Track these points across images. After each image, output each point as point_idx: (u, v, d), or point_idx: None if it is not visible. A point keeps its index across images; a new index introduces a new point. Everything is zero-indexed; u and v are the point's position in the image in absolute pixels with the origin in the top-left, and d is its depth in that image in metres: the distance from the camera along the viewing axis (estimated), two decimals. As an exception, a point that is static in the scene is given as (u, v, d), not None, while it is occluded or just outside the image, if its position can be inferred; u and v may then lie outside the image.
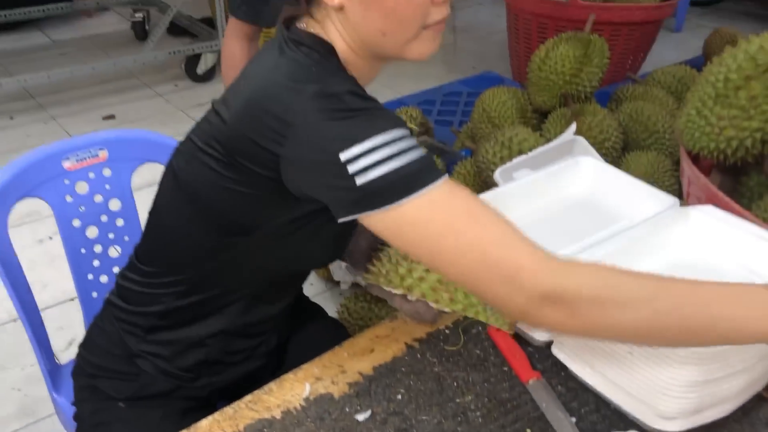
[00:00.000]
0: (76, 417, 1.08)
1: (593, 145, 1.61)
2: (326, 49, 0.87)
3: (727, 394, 0.85)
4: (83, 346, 1.09)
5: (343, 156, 0.75)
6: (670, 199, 1.04)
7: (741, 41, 1.14)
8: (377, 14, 0.83)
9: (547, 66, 1.87)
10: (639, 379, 0.84)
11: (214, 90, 3.39)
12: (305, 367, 0.98)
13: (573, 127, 1.64)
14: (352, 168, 0.75)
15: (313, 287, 2.08)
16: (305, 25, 0.90)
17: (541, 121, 1.92)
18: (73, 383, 1.09)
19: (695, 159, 1.26)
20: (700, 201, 1.15)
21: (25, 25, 3.76)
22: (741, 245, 0.93)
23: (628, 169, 1.79)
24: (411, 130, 0.82)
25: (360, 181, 0.75)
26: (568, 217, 1.09)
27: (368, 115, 0.79)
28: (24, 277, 1.16)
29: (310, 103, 0.78)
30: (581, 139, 1.60)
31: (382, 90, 3.33)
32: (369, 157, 0.75)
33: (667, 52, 3.61)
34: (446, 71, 3.65)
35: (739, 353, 0.80)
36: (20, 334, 1.87)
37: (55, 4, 3.52)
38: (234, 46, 2.27)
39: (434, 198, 0.76)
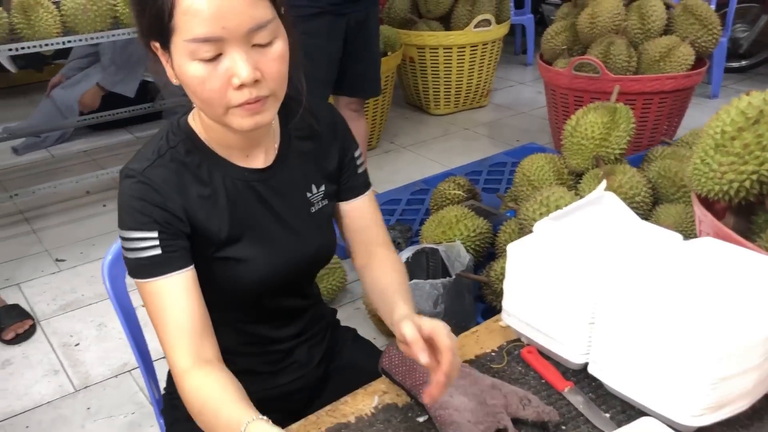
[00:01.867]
0: None
1: (624, 200, 1.80)
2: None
3: (742, 391, 1.00)
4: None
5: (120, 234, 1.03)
6: (676, 235, 1.22)
7: (733, 99, 1.34)
8: (191, 96, 0.99)
9: (578, 132, 2.09)
10: (665, 382, 0.99)
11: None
12: (374, 383, 1.17)
13: (603, 184, 1.82)
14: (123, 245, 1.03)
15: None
16: None
17: (576, 182, 2.12)
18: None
19: (709, 204, 1.43)
20: (710, 236, 1.32)
21: (114, 125, 4.24)
22: (734, 267, 1.10)
23: (658, 221, 1.96)
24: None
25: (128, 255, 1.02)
26: (586, 247, 1.27)
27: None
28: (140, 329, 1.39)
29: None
30: (611, 194, 1.77)
31: (432, 165, 3.61)
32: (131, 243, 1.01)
33: (704, 118, 3.77)
34: (492, 145, 3.91)
35: (749, 351, 0.96)
36: (124, 386, 2.12)
37: (138, 105, 3.97)
38: None
39: (148, 289, 1.01)
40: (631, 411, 1.07)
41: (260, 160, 1.11)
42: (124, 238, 1.01)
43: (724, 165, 1.31)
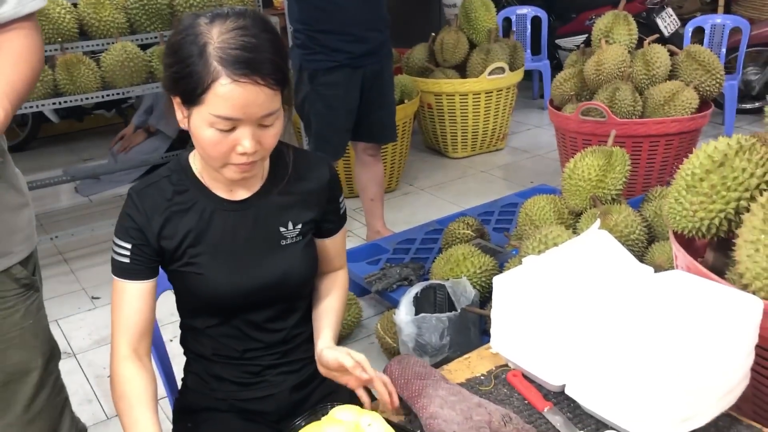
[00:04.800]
0: None
1: (619, 238, 1.92)
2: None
3: (702, 407, 1.11)
4: None
5: None
6: (648, 269, 1.34)
7: (703, 144, 1.47)
8: (197, 145, 1.20)
9: (576, 174, 2.22)
10: (631, 401, 1.10)
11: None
12: (375, 402, 1.30)
13: (597, 222, 1.95)
14: None
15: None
16: None
17: (576, 221, 2.24)
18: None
19: (689, 241, 1.55)
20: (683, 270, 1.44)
21: (153, 169, 4.51)
22: (697, 298, 1.21)
23: (653, 258, 2.06)
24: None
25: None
26: (565, 279, 1.39)
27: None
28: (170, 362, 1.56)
29: None
30: (605, 233, 1.90)
31: (448, 206, 3.75)
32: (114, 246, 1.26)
33: (715, 158, 3.87)
34: (507, 187, 4.04)
35: (707, 372, 1.07)
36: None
37: (177, 150, 4.24)
38: None
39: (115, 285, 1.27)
40: (604, 429, 1.18)
41: (241, 194, 1.30)
42: (113, 240, 1.27)
43: (694, 204, 1.43)
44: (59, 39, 3.19)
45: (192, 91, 1.11)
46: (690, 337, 1.10)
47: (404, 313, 2.09)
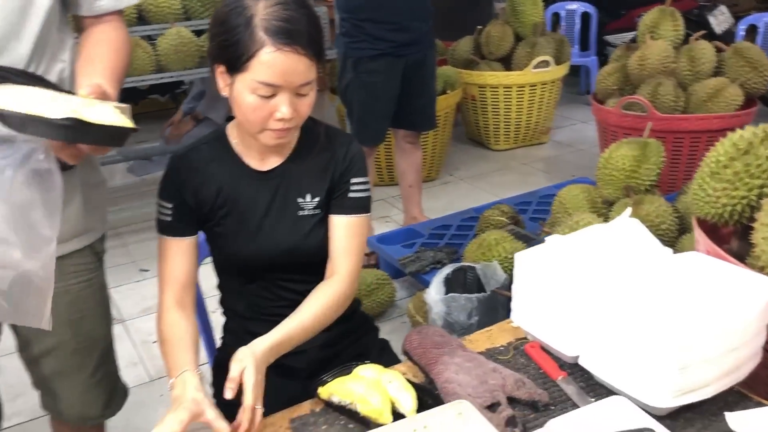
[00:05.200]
0: None
1: (650, 227, 1.94)
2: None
3: (705, 380, 1.15)
4: None
5: None
6: (668, 250, 1.38)
7: (729, 133, 1.50)
8: (237, 111, 1.29)
9: (610, 164, 2.25)
10: (639, 371, 1.16)
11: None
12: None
13: (628, 210, 1.98)
14: None
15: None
16: None
17: (608, 210, 2.28)
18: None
19: (715, 229, 1.58)
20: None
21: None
22: (710, 276, 1.25)
23: (682, 248, 2.09)
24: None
25: None
26: (582, 257, 1.44)
27: None
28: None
29: None
30: (634, 220, 1.94)
31: (486, 196, 3.79)
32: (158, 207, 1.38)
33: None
34: (548, 180, 4.06)
35: (709, 343, 1.11)
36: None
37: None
38: None
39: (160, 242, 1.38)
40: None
41: (269, 164, 1.40)
42: (157, 202, 1.38)
43: (718, 190, 1.46)
44: (119, 23, 3.35)
45: (238, 59, 1.21)
46: (698, 312, 1.15)
47: (434, 293, 2.16)
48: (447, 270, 2.25)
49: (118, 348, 2.45)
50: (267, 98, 1.23)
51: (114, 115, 1.07)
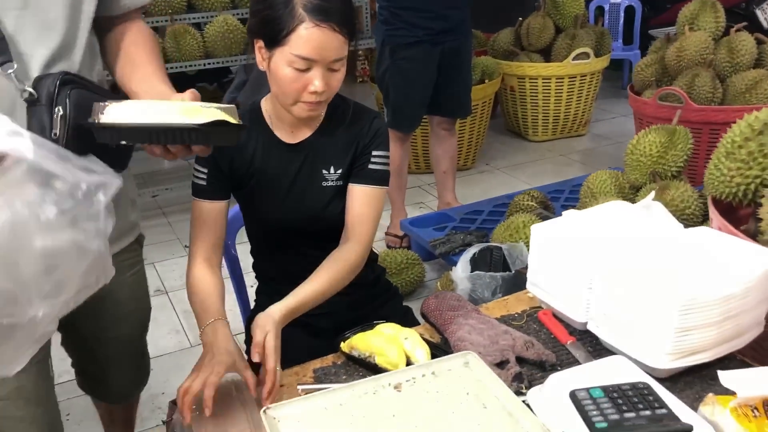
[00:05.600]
0: None
1: (674, 212, 1.99)
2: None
3: (703, 345, 1.21)
4: None
5: None
6: (679, 225, 1.43)
7: (746, 114, 1.54)
8: (273, 84, 1.39)
9: (638, 150, 2.29)
10: (642, 334, 1.22)
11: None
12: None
13: (652, 194, 2.03)
14: None
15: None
16: None
17: (635, 195, 2.32)
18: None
19: (732, 209, 1.62)
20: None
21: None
22: (715, 249, 1.30)
23: (706, 232, 2.11)
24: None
25: None
26: (594, 229, 1.50)
27: None
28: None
29: None
30: (658, 204, 1.98)
31: (521, 186, 3.84)
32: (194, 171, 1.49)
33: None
34: (584, 171, 4.07)
35: (707, 308, 1.17)
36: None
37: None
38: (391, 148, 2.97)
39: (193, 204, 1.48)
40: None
41: (299, 136, 1.49)
42: (193, 167, 1.49)
43: (732, 170, 1.51)
44: (169, 11, 3.51)
45: (278, 33, 1.31)
46: (700, 279, 1.20)
47: (461, 270, 2.24)
48: (474, 249, 2.32)
49: (163, 317, 2.63)
50: (302, 71, 1.33)
51: (227, 116, 1.12)
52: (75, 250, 0.91)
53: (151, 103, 1.15)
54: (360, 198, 1.49)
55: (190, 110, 1.08)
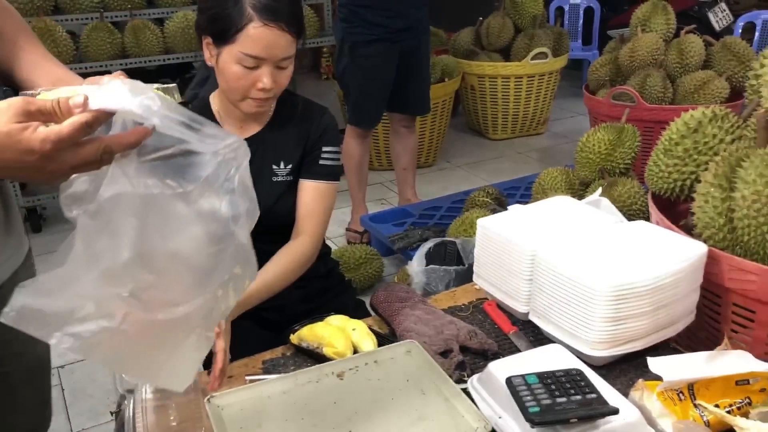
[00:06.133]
0: None
1: (621, 208, 2.05)
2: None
3: (634, 334, 1.26)
4: None
5: None
6: (619, 218, 1.49)
7: (683, 113, 1.60)
8: (222, 80, 1.42)
9: (587, 147, 2.36)
10: (577, 323, 1.27)
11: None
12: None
13: (599, 190, 2.09)
14: None
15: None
16: None
17: (584, 191, 2.38)
18: None
19: (672, 204, 1.68)
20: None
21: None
22: (648, 241, 1.36)
23: (651, 227, 2.19)
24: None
25: None
26: (534, 223, 1.55)
27: None
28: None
29: None
30: (605, 200, 2.04)
31: (481, 183, 3.90)
32: None
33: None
34: (541, 168, 4.14)
35: (637, 298, 1.22)
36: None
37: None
38: (351, 144, 3.00)
39: None
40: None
41: (248, 132, 1.52)
42: None
43: (669, 166, 1.57)
44: (129, 6, 3.49)
45: (226, 31, 1.34)
46: (632, 269, 1.26)
47: (416, 264, 2.28)
48: (429, 244, 2.37)
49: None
50: (250, 69, 1.36)
51: (167, 96, 1.05)
52: (210, 236, 0.80)
53: (89, 88, 1.10)
54: (310, 193, 1.52)
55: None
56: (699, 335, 1.45)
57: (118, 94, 0.72)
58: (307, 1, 3.89)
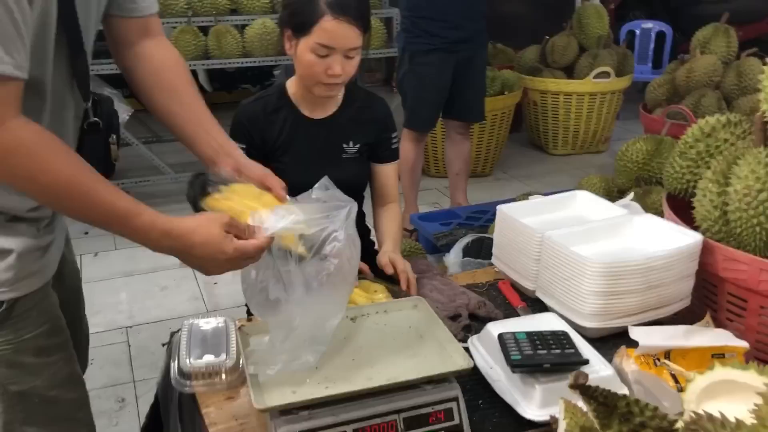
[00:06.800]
0: None
1: (656, 215, 2.15)
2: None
3: (625, 310, 1.38)
4: None
5: None
6: (626, 210, 1.62)
7: (700, 119, 1.71)
8: (298, 67, 1.64)
9: (626, 156, 2.46)
10: (573, 297, 1.41)
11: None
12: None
13: (631, 194, 2.20)
14: None
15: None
16: None
17: (621, 198, 2.48)
18: None
19: (687, 205, 1.78)
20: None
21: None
22: (651, 232, 1.48)
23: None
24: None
25: None
26: (548, 212, 1.69)
27: None
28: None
29: None
30: (634, 203, 2.15)
31: (523, 186, 4.01)
32: None
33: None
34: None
35: (628, 276, 1.35)
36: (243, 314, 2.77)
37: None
38: (407, 147, 3.19)
39: None
40: (557, 322, 1.48)
41: (320, 113, 1.74)
42: None
43: (683, 168, 1.68)
44: (214, 12, 3.81)
45: (303, 24, 1.57)
46: (627, 251, 1.38)
47: (453, 256, 2.43)
48: (468, 239, 2.52)
49: (185, 285, 2.87)
50: (323, 57, 1.58)
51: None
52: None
53: (265, 215, 1.17)
54: (390, 172, 1.83)
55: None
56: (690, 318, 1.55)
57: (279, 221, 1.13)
58: (376, 14, 4.12)
